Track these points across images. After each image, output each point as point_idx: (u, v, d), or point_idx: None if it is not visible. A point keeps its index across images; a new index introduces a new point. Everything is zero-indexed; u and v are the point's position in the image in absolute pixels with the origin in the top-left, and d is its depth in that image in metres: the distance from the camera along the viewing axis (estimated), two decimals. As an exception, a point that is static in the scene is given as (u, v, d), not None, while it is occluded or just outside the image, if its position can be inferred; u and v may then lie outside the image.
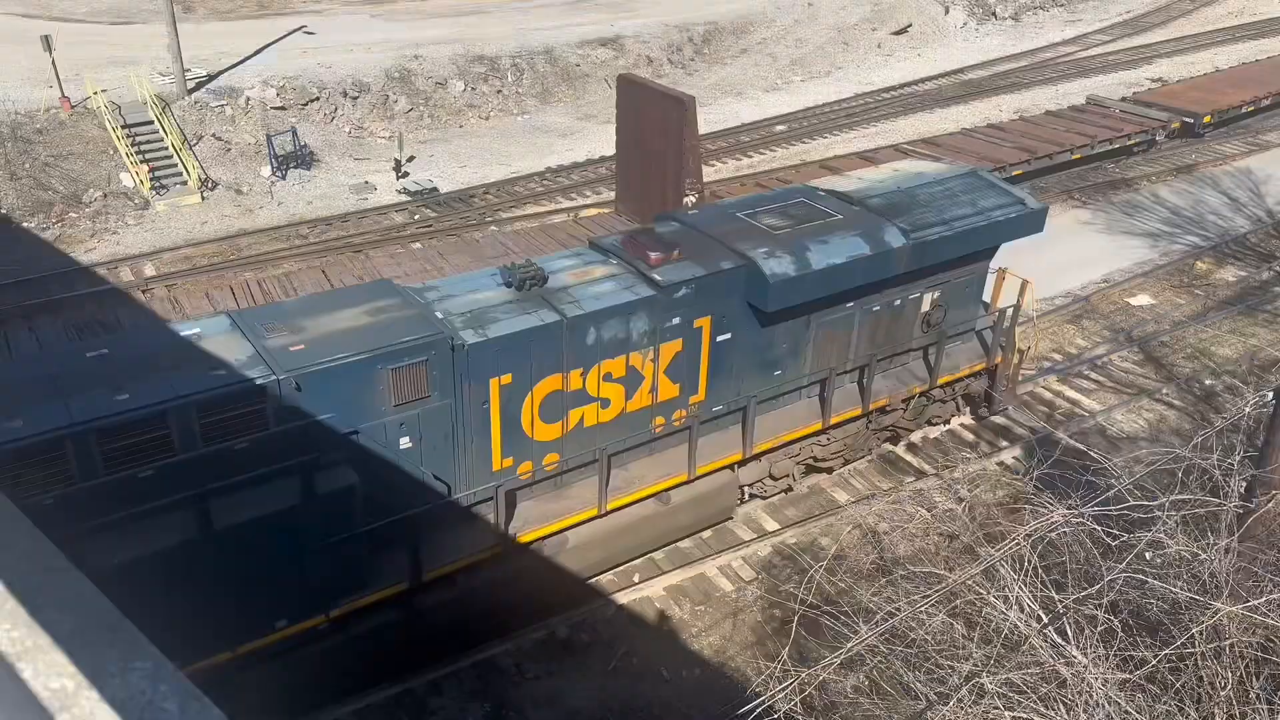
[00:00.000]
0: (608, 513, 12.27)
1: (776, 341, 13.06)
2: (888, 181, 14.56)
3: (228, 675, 9.71)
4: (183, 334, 9.84)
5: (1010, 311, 15.28)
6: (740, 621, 12.92)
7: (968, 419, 16.74)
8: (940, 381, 15.15)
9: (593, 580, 13.14)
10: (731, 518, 14.40)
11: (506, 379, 10.86)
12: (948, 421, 16.53)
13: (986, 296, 15.63)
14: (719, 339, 12.40)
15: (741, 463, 13.56)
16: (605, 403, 11.86)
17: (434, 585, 11.12)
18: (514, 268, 11.42)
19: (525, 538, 11.72)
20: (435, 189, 25.76)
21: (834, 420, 14.07)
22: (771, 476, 14.36)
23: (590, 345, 11.34)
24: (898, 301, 14.03)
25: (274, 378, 9.25)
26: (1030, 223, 14.51)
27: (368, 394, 9.91)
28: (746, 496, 14.59)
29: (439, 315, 10.67)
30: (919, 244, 13.11)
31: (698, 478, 12.98)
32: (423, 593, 11.04)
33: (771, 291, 12.01)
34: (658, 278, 11.68)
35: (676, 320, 11.90)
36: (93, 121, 25.49)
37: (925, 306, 14.45)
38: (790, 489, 14.86)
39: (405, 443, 10.41)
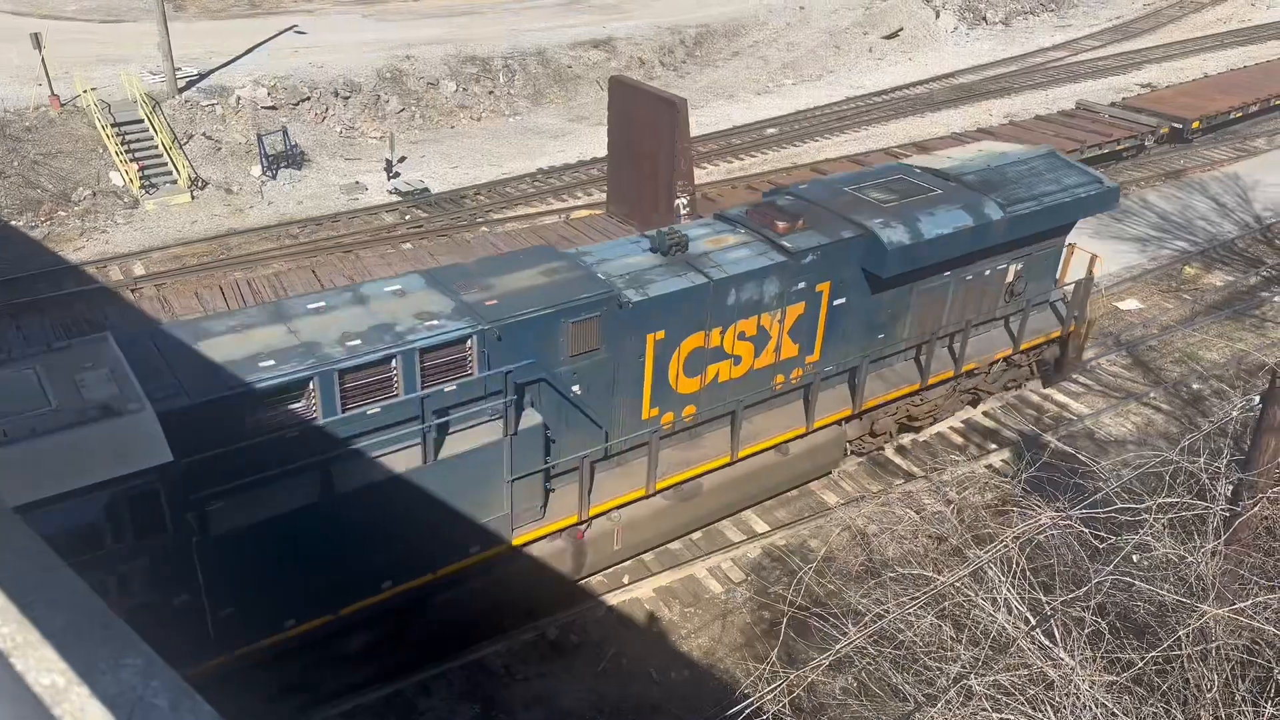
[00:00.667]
0: (737, 460, 13.50)
1: (883, 307, 14.22)
2: (977, 160, 15.80)
3: (424, 597, 11.25)
4: (386, 290, 10.94)
5: (1080, 284, 16.47)
6: (729, 623, 12.94)
7: (993, 403, 16.91)
8: (1022, 347, 16.39)
9: (703, 530, 14.11)
10: (830, 473, 15.62)
11: (660, 335, 12.05)
12: (1020, 385, 17.66)
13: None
14: (835, 303, 13.57)
15: (848, 419, 14.86)
16: (737, 360, 13.02)
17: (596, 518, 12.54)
18: (661, 234, 12.63)
19: (668, 481, 12.95)
20: (426, 189, 25.73)
21: (931, 381, 15.30)
22: (872, 433, 15.63)
23: (729, 306, 12.47)
24: (987, 272, 15.18)
25: (479, 328, 10.36)
26: (1106, 199, 15.84)
27: (551, 345, 11.13)
28: (848, 452, 15.77)
29: (601, 276, 11.78)
30: (1014, 217, 14.34)
31: (812, 431, 14.16)
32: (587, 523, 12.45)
33: (889, 258, 13.17)
34: (787, 244, 12.83)
35: (802, 284, 13.05)
36: (82, 120, 25.38)
37: (1009, 277, 15.59)
38: (883, 447, 16.12)
39: (576, 390, 11.64)
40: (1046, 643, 7.69)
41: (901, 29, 41.81)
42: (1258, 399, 9.05)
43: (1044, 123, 28.95)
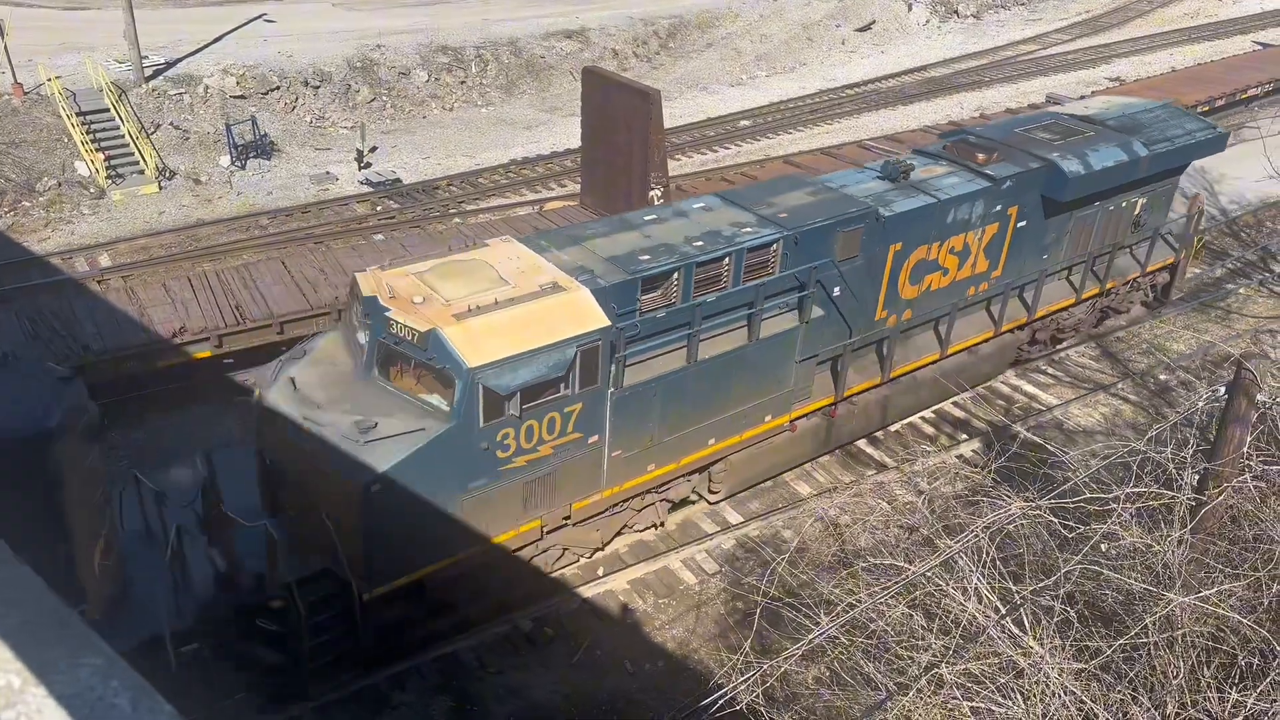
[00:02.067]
0: (946, 356, 15.98)
1: (1050, 231, 16.38)
2: (1112, 108, 18.35)
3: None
4: (696, 206, 13.28)
5: (1187, 219, 19.03)
6: (703, 614, 12.97)
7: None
8: (1148, 270, 18.88)
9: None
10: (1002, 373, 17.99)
11: (898, 246, 14.08)
12: (1128, 310, 19.91)
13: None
14: (1019, 225, 15.70)
15: (1021, 327, 17.26)
16: (946, 271, 15.15)
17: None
18: (889, 163, 14.83)
19: (897, 371, 15.37)
20: (398, 180, 25.53)
21: (1084, 297, 17.79)
22: (1035, 340, 17.91)
23: (947, 224, 14.56)
24: (1124, 204, 17.38)
25: (784, 234, 12.55)
26: (1217, 143, 18.27)
27: (826, 250, 13.10)
28: (1018, 358, 18.03)
29: (853, 196, 13.88)
30: (1154, 154, 16.70)
31: (998, 335, 16.72)
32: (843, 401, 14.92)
33: (1069, 185, 15.41)
34: (990, 173, 15.00)
35: (998, 207, 15.17)
36: (47, 109, 24.96)
37: (1137, 210, 17.73)
38: (1040, 353, 18.39)
39: (837, 291, 13.61)
40: (1016, 631, 7.76)
41: (874, 22, 41.95)
42: (1223, 390, 9.17)
43: (1014, 116, 29.13)
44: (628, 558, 13.76)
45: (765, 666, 8.54)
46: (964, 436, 16.53)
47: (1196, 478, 9.10)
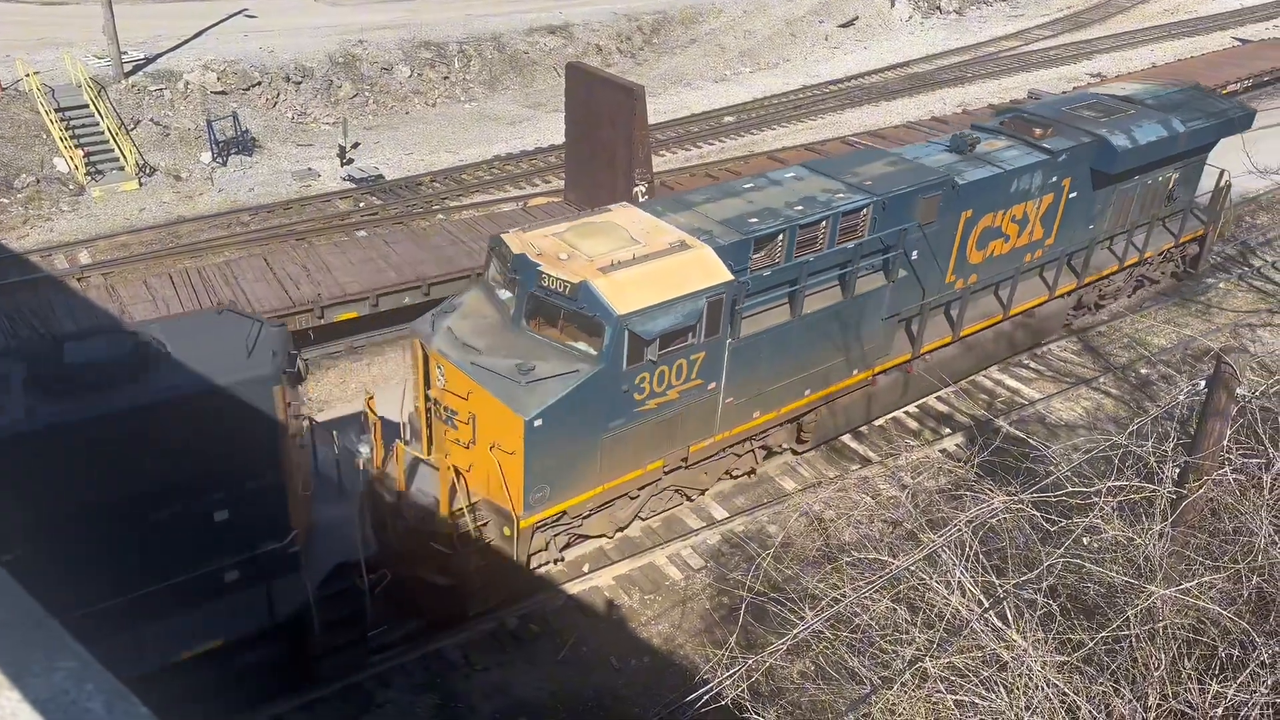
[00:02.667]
0: (1010, 316, 17.14)
1: (1096, 202, 17.46)
2: (1145, 90, 19.53)
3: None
4: (788, 176, 14.26)
5: (1215, 194, 20.34)
6: (689, 609, 12.98)
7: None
8: (1180, 241, 20.16)
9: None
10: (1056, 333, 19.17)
11: (969, 214, 15.12)
12: (1161, 281, 21.13)
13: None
14: (1071, 196, 16.76)
15: (1071, 292, 18.36)
16: (1007, 238, 16.19)
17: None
18: (958, 137, 15.96)
19: (967, 330, 16.56)
20: (380, 176, 25.42)
21: (1125, 265, 19.09)
22: (1081, 304, 19.05)
23: (1011, 193, 15.61)
24: (1161, 178, 18.53)
25: (874, 199, 13.52)
26: (1245, 121, 19.32)
27: (909, 215, 14.09)
28: (1066, 323, 19.22)
29: (928, 166, 14.93)
30: (1191, 131, 17.83)
31: (1052, 299, 17.86)
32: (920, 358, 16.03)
33: (1118, 158, 16.57)
34: (1048, 146, 16.12)
35: (1054, 179, 16.24)
36: (25, 105, 24.72)
37: (1171, 184, 18.86)
38: (1078, 318, 19.57)
39: (915, 255, 14.55)
40: (999, 625, 7.80)
41: (857, 18, 42.02)
42: (1203, 384, 9.23)
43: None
44: (613, 554, 13.76)
45: (750, 661, 8.55)
46: (947, 431, 16.60)
47: (1177, 471, 9.16)
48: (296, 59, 29.49)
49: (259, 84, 28.51)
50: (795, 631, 8.42)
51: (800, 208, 13.14)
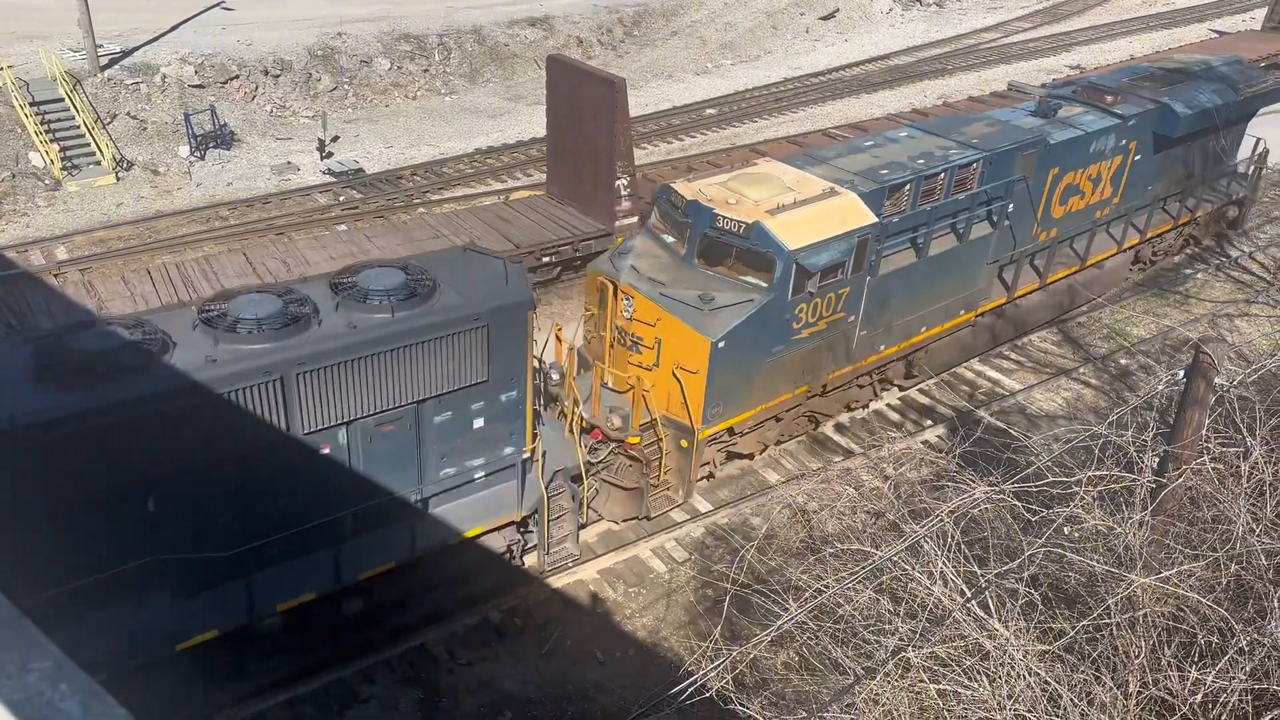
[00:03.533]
0: (1085, 266, 18.65)
1: (1155, 164, 18.77)
2: (1194, 62, 20.85)
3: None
4: (903, 135, 15.74)
5: (1254, 159, 21.57)
6: (673, 602, 13.00)
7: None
8: (1224, 203, 21.85)
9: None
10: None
11: (1055, 171, 16.52)
12: (1200, 242, 22.66)
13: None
14: (1135, 159, 18.15)
15: (1134, 247, 20.03)
16: (1083, 195, 17.61)
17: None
18: (1043, 102, 17.25)
19: (1054, 278, 18.09)
20: (360, 170, 25.25)
21: (1179, 223, 20.75)
22: (1138, 258, 20.65)
23: (1089, 154, 17.05)
24: (1210, 144, 19.71)
25: (983, 154, 15.04)
26: None
27: (1010, 171, 15.57)
28: (1129, 275, 20.82)
29: (1022, 127, 16.37)
30: (1244, 99, 19.41)
31: (1121, 252, 19.47)
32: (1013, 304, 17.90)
33: (1181, 123, 17.98)
34: (1120, 111, 17.63)
35: (1124, 142, 17.68)
36: (-2, 98, 24.41)
37: (1218, 150, 20.09)
38: (1135, 275, 21.17)
39: (1010, 208, 15.98)
40: (981, 614, 7.84)
41: (838, 10, 42.04)
42: (1182, 374, 9.30)
43: (977, 104, 29.30)
44: (597, 547, 13.76)
45: (735, 653, 8.58)
46: (929, 422, 16.67)
47: (1156, 460, 9.22)
48: (275, 52, 29.25)
49: (237, 77, 28.27)
50: (779, 623, 8.45)
51: (921, 161, 14.57)
